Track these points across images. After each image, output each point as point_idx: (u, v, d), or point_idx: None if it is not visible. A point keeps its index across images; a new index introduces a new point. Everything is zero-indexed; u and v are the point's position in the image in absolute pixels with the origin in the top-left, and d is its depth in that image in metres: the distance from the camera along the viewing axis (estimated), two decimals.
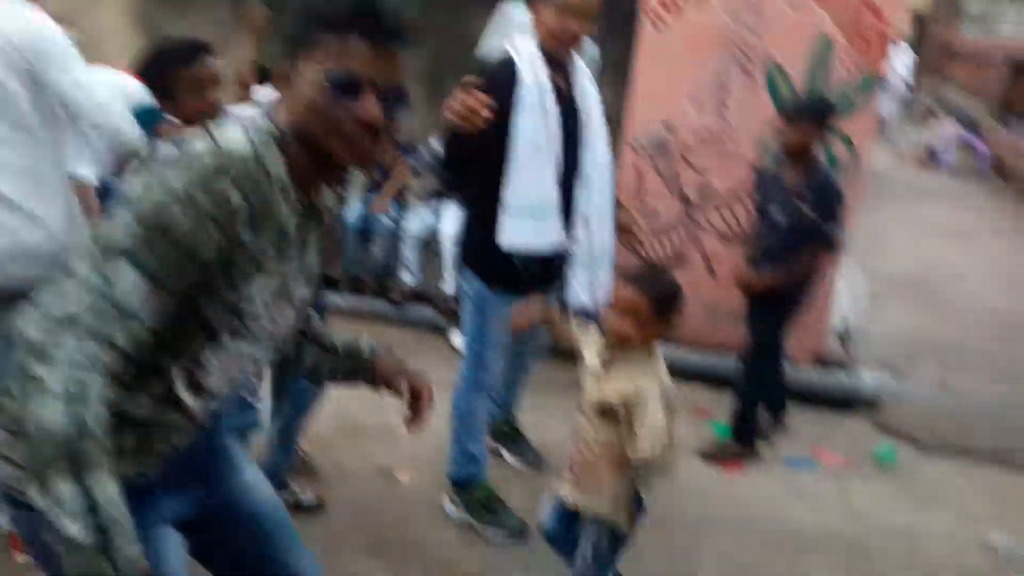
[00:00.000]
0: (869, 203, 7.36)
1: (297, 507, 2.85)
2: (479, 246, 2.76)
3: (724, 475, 3.48)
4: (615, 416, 2.16)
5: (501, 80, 2.56)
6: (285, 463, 2.90)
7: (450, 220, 4.61)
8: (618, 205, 3.03)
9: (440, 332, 4.64)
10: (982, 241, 7.65)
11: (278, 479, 2.80)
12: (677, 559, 2.90)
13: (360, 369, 1.66)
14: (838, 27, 3.93)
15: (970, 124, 11.53)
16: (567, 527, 2.39)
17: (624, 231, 3.01)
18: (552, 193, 2.67)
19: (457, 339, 4.31)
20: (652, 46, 4.15)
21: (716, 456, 3.57)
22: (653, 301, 2.13)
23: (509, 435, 3.44)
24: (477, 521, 2.94)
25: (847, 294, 5.28)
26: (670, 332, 2.21)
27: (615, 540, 2.28)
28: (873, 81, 3.97)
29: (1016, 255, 7.15)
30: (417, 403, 1.64)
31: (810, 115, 3.32)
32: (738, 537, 3.06)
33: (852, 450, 3.76)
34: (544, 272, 2.77)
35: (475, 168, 2.64)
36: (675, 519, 3.10)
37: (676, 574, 2.84)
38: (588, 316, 2.65)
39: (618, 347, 2.19)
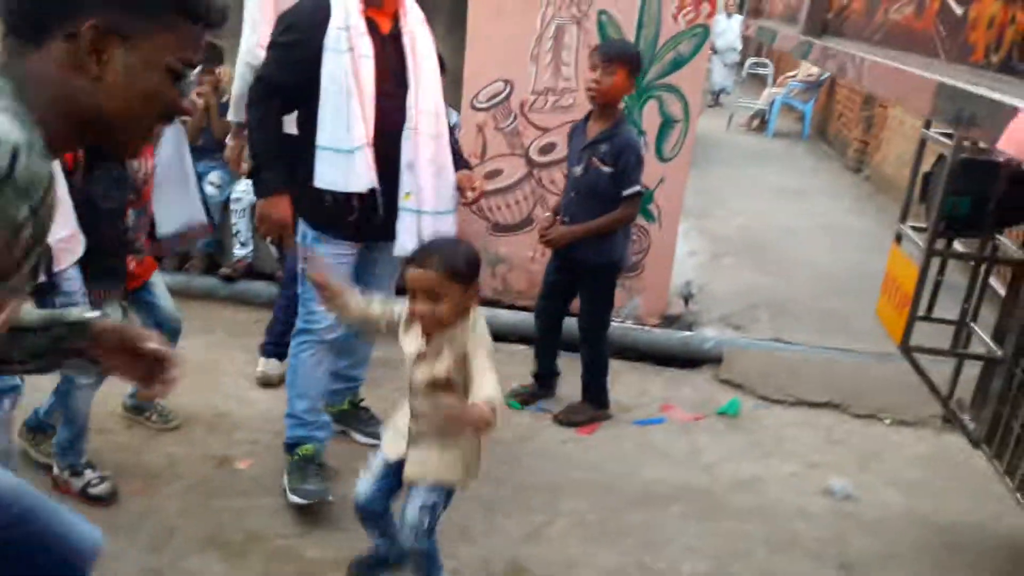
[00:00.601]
0: (702, 167, 7.64)
1: (87, 497, 2.70)
2: (302, 189, 2.69)
3: (578, 438, 3.45)
4: (449, 385, 2.09)
5: (309, 20, 2.59)
6: (71, 445, 2.74)
7: None
8: (462, 164, 2.91)
9: None
10: (808, 199, 8.06)
11: (68, 459, 2.74)
12: (534, 521, 2.85)
13: (66, 341, 1.31)
14: None
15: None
16: (386, 498, 2.31)
17: (464, 191, 2.89)
18: (360, 135, 2.60)
19: None
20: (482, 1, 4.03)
21: (571, 420, 3.53)
22: (446, 273, 2.03)
23: (352, 413, 3.26)
24: (287, 484, 2.79)
25: (688, 255, 5.40)
26: (476, 298, 2.12)
27: (446, 502, 2.23)
28: (704, 32, 4.01)
29: (838, 213, 7.58)
30: (159, 368, 1.33)
31: (619, 59, 3.19)
32: (594, 496, 3.04)
33: (699, 406, 3.83)
34: (366, 216, 2.68)
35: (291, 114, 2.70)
36: (531, 483, 3.06)
37: (533, 535, 2.79)
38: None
39: (430, 330, 2.10)
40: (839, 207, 7.83)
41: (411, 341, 2.15)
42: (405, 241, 2.69)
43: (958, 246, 2.92)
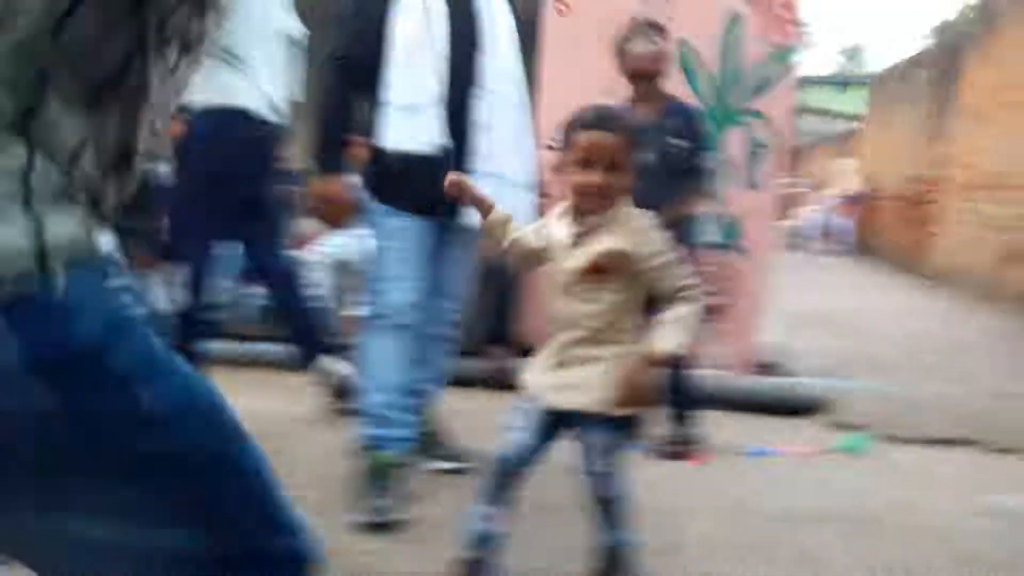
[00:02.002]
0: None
1: None
2: (370, 162, 2.49)
3: (689, 469, 2.97)
4: (607, 276, 1.80)
5: None
6: None
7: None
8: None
9: None
10: (861, 291, 7.76)
11: None
12: (663, 539, 2.34)
13: None
14: (748, 4, 3.81)
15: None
16: (535, 452, 1.91)
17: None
18: (431, 92, 2.39)
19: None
20: (557, 33, 3.90)
21: (672, 452, 3.06)
22: (629, 139, 1.80)
23: (421, 438, 2.81)
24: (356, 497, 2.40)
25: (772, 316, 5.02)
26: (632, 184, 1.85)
27: (626, 432, 1.88)
28: (787, 54, 3.83)
29: (891, 299, 7.26)
30: None
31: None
32: (725, 519, 2.54)
33: (816, 443, 3.35)
34: (436, 185, 2.33)
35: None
36: (643, 507, 2.56)
37: (663, 552, 2.27)
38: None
39: (593, 207, 1.82)
40: (901, 297, 7.49)
41: (564, 229, 1.87)
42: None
43: None
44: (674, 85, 3.80)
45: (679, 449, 3.08)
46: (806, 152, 17.21)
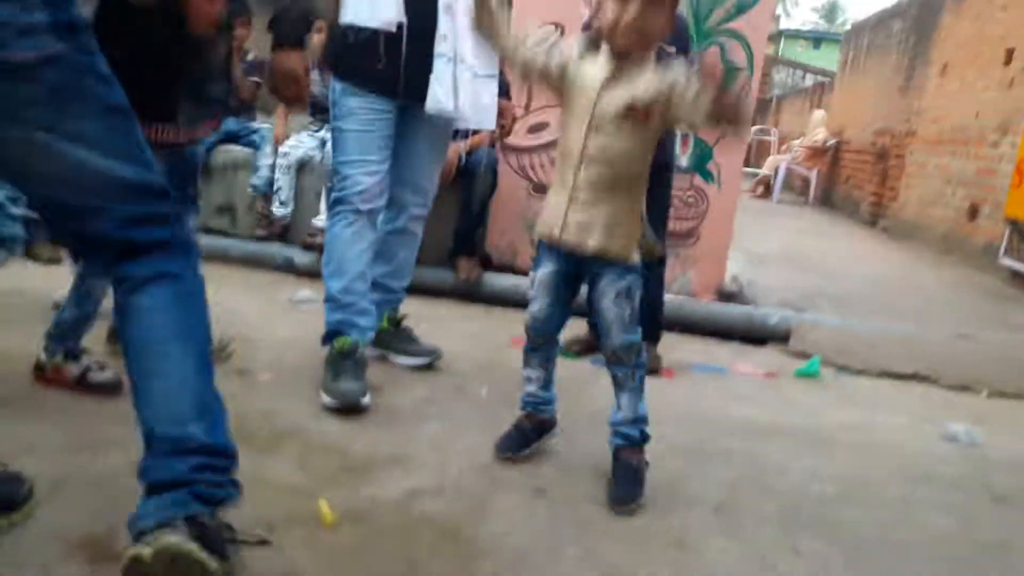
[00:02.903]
0: None
1: (86, 386, 2.22)
2: (328, 39, 2.46)
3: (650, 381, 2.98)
4: (646, 115, 1.81)
5: None
6: (74, 328, 2.26)
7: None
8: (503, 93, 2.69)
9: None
10: (826, 237, 7.82)
11: (64, 343, 2.23)
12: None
13: None
14: None
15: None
16: (564, 312, 2.04)
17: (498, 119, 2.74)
18: None
19: None
20: None
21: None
22: None
23: (391, 332, 2.77)
24: (322, 382, 2.36)
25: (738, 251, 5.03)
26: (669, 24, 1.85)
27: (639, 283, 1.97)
28: None
29: (855, 247, 7.33)
30: None
31: None
32: (685, 426, 2.56)
33: (773, 369, 3.38)
34: (394, 63, 2.35)
35: None
36: (606, 415, 2.57)
37: None
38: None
39: (630, 46, 1.81)
40: (865, 245, 7.56)
41: (597, 66, 1.84)
42: (439, 94, 2.34)
43: None
44: None
45: (658, 366, 3.09)
46: (778, 104, 17.20)
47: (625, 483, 1.98)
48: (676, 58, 2.89)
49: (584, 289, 2.03)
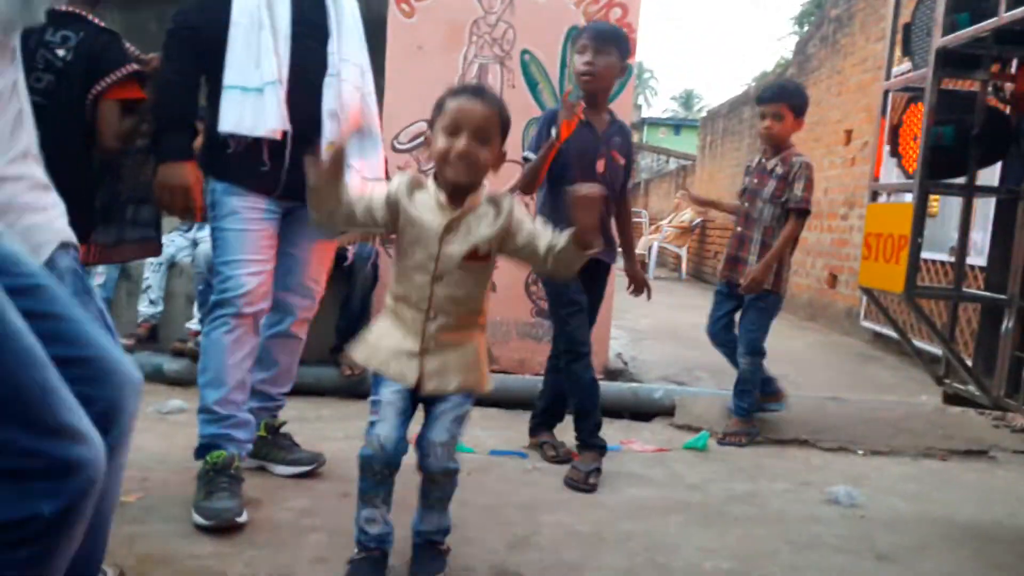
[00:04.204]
0: None
1: None
2: (207, 142, 2.35)
3: (541, 466, 2.94)
4: (486, 259, 1.85)
5: None
6: None
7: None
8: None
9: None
10: (698, 310, 8.04)
11: None
12: (516, 533, 2.29)
13: None
14: (585, 17, 3.90)
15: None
16: (405, 437, 1.87)
17: None
18: (270, 71, 2.27)
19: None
20: (401, 35, 3.85)
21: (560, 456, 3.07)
22: (500, 114, 1.83)
23: (269, 441, 2.63)
24: (194, 500, 2.21)
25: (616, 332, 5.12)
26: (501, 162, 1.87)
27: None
28: (628, 70, 3.94)
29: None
30: None
31: (613, 40, 2.94)
32: (578, 511, 2.52)
33: (663, 444, 3.41)
34: (275, 168, 2.33)
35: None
36: (501, 503, 2.52)
37: (518, 545, 2.22)
38: None
39: (457, 177, 1.79)
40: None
41: (432, 212, 1.80)
42: None
43: None
44: (519, 93, 3.85)
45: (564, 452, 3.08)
46: (646, 186, 18.00)
47: (427, 561, 1.96)
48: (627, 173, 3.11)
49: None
